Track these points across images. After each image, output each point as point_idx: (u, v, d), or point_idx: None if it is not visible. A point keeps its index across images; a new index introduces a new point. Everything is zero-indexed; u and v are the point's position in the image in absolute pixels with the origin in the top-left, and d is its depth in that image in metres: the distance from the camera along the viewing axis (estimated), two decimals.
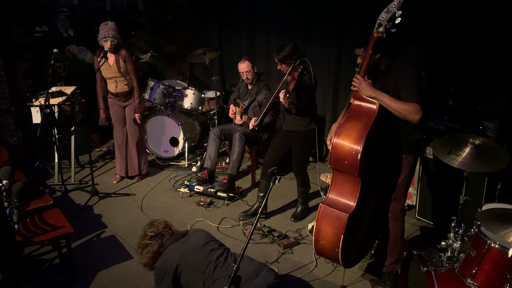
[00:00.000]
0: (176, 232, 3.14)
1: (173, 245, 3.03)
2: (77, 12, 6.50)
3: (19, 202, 2.98)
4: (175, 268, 2.92)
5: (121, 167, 5.46)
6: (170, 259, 2.96)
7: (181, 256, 2.95)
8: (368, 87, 3.17)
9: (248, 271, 2.89)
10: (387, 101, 3.13)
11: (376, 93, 3.15)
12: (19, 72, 6.13)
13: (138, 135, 5.37)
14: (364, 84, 3.18)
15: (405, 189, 3.48)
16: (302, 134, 4.42)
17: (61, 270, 3.98)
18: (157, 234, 3.09)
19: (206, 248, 2.98)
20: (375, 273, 3.78)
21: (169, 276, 2.92)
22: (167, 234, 3.10)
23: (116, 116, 5.27)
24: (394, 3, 2.99)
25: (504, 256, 2.63)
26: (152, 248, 3.06)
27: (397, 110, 3.12)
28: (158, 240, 3.07)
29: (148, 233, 3.12)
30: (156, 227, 3.13)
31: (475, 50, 4.26)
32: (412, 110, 3.09)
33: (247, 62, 5.23)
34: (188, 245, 3.01)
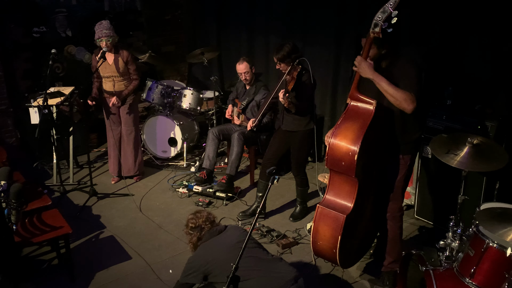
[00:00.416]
0: (214, 228, 3.22)
1: (208, 242, 3.12)
2: (75, 12, 6.49)
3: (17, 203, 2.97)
4: (204, 267, 3.00)
5: (115, 167, 5.45)
6: (202, 257, 3.06)
7: (213, 256, 3.01)
8: (368, 68, 3.16)
9: (289, 276, 2.96)
10: (385, 85, 3.12)
11: (375, 75, 3.15)
12: (18, 73, 6.12)
13: (134, 135, 5.36)
14: (364, 64, 3.17)
15: (402, 189, 3.48)
16: (301, 134, 4.42)
17: (60, 270, 3.97)
18: (196, 226, 3.23)
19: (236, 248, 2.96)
20: (374, 273, 3.79)
21: (198, 273, 3.02)
22: (206, 227, 3.20)
23: (108, 116, 5.24)
24: (390, 3, 3.00)
25: (502, 255, 2.63)
26: (192, 239, 3.23)
27: (393, 96, 3.11)
28: (197, 233, 3.19)
29: (189, 224, 3.26)
30: (197, 219, 3.25)
31: (473, 50, 4.26)
32: (407, 98, 3.08)
33: (245, 63, 5.22)
34: (220, 244, 3.08)
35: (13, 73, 6.06)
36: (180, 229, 4.51)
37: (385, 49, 3.25)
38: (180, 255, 4.15)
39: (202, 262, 3.03)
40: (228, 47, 6.96)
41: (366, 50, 3.18)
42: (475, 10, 4.13)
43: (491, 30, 4.08)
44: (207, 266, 3.00)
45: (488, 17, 4.07)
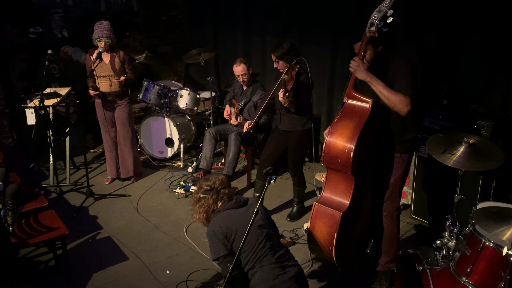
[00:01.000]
0: (235, 197, 3.04)
1: (230, 211, 2.95)
2: (71, 13, 6.49)
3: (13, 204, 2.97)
4: (226, 234, 2.86)
5: (112, 169, 5.44)
6: (224, 223, 2.88)
7: (237, 228, 2.87)
8: (363, 70, 3.17)
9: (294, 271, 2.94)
10: (380, 87, 3.13)
11: (371, 77, 3.16)
12: (14, 73, 6.11)
13: (130, 136, 5.36)
14: (361, 66, 3.18)
15: (399, 188, 3.49)
16: (299, 133, 4.43)
17: (56, 271, 3.96)
18: (212, 188, 3.02)
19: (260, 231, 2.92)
20: (371, 272, 3.79)
21: (222, 239, 2.87)
22: (223, 192, 3.03)
23: (102, 118, 5.21)
24: (386, 3, 3.01)
25: (498, 254, 2.63)
26: (206, 203, 3.00)
27: (388, 98, 3.13)
28: (213, 196, 3.00)
29: (203, 186, 3.05)
30: (213, 181, 3.06)
31: (469, 50, 4.27)
32: (402, 101, 3.10)
33: (242, 64, 5.22)
34: (244, 219, 2.91)
35: (9, 74, 6.05)
36: (178, 230, 4.53)
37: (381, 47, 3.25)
38: (177, 255, 4.14)
39: (227, 228, 2.85)
40: (224, 47, 6.97)
41: (362, 51, 3.19)
42: (471, 10, 4.14)
43: (487, 30, 4.09)
44: (231, 232, 2.86)
45: (484, 17, 4.08)
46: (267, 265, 2.86)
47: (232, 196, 3.05)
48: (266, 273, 2.85)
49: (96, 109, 5.24)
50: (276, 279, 2.86)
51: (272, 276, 2.86)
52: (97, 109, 5.23)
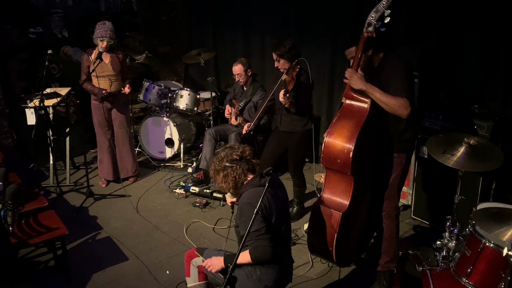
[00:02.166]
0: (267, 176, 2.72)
1: (269, 189, 2.70)
2: (71, 13, 6.49)
3: (13, 204, 2.96)
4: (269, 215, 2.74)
5: (109, 171, 5.41)
6: (265, 205, 2.72)
7: (273, 208, 2.75)
8: (359, 80, 3.17)
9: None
10: (378, 95, 3.14)
11: (367, 86, 3.16)
12: (13, 74, 6.11)
13: (129, 136, 5.35)
14: (356, 76, 3.19)
15: (398, 188, 3.49)
16: (299, 134, 4.42)
17: (56, 272, 3.96)
18: (241, 158, 2.84)
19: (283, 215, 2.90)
20: (371, 272, 3.79)
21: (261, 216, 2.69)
22: (253, 161, 2.87)
23: (102, 120, 5.19)
24: (383, 3, 3.02)
25: (498, 255, 2.63)
26: (235, 172, 2.80)
27: (387, 104, 3.13)
28: (242, 165, 2.81)
29: (231, 155, 2.84)
30: (241, 151, 2.87)
31: (469, 50, 4.28)
32: (401, 105, 3.10)
33: (239, 65, 5.22)
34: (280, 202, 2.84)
35: (9, 74, 6.05)
36: (177, 230, 4.53)
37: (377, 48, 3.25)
38: (177, 255, 4.14)
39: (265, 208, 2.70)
40: (224, 47, 6.97)
41: (357, 61, 3.19)
42: (470, 11, 4.15)
43: (487, 30, 4.09)
44: (268, 213, 2.72)
45: (483, 17, 4.09)
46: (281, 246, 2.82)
47: (263, 173, 2.74)
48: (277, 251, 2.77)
49: (93, 111, 5.19)
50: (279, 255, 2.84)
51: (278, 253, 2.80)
52: (95, 111, 5.18)
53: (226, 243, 4.28)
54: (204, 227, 4.58)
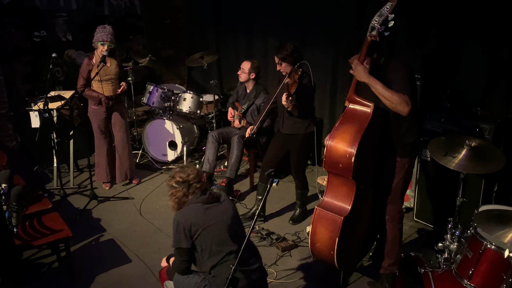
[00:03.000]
0: (206, 191, 3.01)
1: (198, 205, 2.93)
2: (75, 16, 6.53)
3: (18, 206, 2.98)
4: (189, 228, 2.85)
5: (107, 174, 5.43)
6: (190, 218, 2.88)
7: (201, 224, 2.86)
8: (362, 72, 3.18)
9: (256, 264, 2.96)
10: (380, 88, 3.14)
11: (370, 79, 3.17)
12: (18, 77, 6.15)
13: (128, 139, 5.40)
14: (360, 68, 3.20)
15: (401, 192, 3.49)
16: (301, 137, 4.44)
17: (60, 273, 3.98)
18: (184, 181, 2.99)
19: (226, 232, 2.91)
20: (373, 275, 3.79)
21: (185, 233, 2.86)
22: (195, 185, 3.00)
23: (101, 124, 5.21)
24: (387, 7, 3.03)
25: (500, 257, 2.64)
26: (177, 194, 2.99)
27: (388, 99, 3.13)
28: (184, 189, 2.98)
29: (176, 177, 3.02)
30: (187, 174, 3.01)
31: (471, 53, 4.29)
32: (402, 101, 3.11)
33: (249, 63, 5.27)
34: (213, 216, 2.92)
35: (13, 77, 6.09)
36: None
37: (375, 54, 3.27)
38: None
39: (192, 224, 2.86)
40: (227, 51, 7.00)
41: (363, 54, 3.21)
42: (472, 13, 4.15)
43: (489, 33, 4.10)
44: (196, 229, 2.86)
45: (486, 20, 4.09)
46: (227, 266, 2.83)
47: (206, 190, 3.02)
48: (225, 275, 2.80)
49: (93, 116, 5.19)
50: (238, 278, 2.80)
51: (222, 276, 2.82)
52: (94, 116, 5.18)
53: None
54: None
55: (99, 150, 5.36)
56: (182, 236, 2.87)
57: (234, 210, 3.06)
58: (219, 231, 2.89)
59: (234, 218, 3.01)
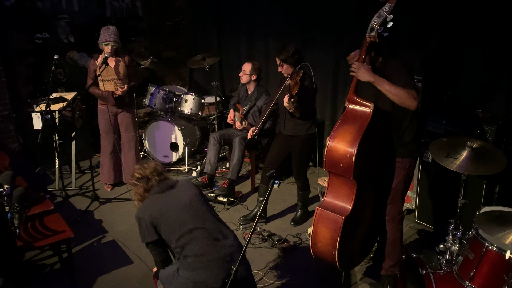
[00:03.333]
0: (163, 181, 3.08)
1: (156, 196, 3.01)
2: (77, 18, 6.54)
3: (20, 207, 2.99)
4: (150, 221, 2.93)
5: (110, 175, 5.44)
6: (148, 211, 2.97)
7: (158, 212, 2.94)
8: (366, 72, 3.18)
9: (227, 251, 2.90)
10: (387, 86, 3.14)
11: (375, 78, 3.17)
12: (20, 78, 6.16)
13: (135, 140, 5.39)
14: (363, 68, 3.19)
15: (402, 193, 3.49)
16: (302, 138, 4.44)
17: (61, 275, 3.99)
18: (143, 177, 3.06)
19: (186, 212, 2.95)
20: (374, 276, 3.80)
21: (150, 229, 2.95)
22: (154, 179, 3.06)
23: (107, 124, 5.22)
24: (385, 8, 3.04)
25: (501, 258, 2.64)
26: (138, 190, 3.07)
27: (396, 95, 3.12)
28: (144, 184, 3.04)
29: (135, 174, 3.10)
30: (144, 169, 3.09)
31: (472, 54, 4.29)
32: (409, 95, 3.10)
33: (250, 64, 5.27)
34: (168, 202, 2.98)
35: (16, 78, 6.10)
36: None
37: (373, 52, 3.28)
38: None
39: (150, 216, 2.93)
40: (228, 52, 7.01)
41: (363, 55, 3.22)
42: (474, 14, 4.16)
43: (490, 34, 4.11)
44: (156, 219, 2.93)
45: (487, 21, 4.10)
46: (198, 242, 2.88)
47: (163, 181, 3.07)
48: (196, 249, 2.87)
49: (99, 115, 5.24)
50: (205, 255, 2.85)
51: (201, 252, 2.86)
52: (101, 116, 5.22)
53: None
54: None
55: (104, 150, 5.39)
56: (146, 230, 2.95)
57: (192, 191, 3.09)
58: (177, 213, 2.93)
59: (193, 198, 3.03)
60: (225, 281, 2.75)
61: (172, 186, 3.07)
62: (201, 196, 3.11)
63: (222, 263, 2.83)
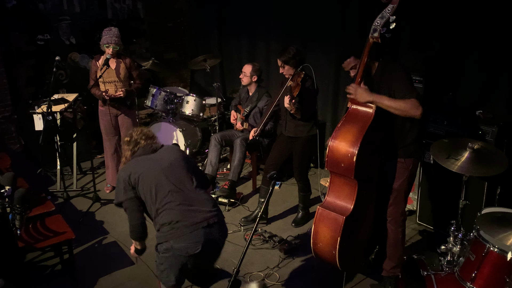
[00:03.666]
0: (149, 144, 3.11)
1: (138, 158, 3.05)
2: (78, 20, 6.56)
3: (21, 208, 2.99)
4: (128, 180, 2.95)
5: (114, 177, 5.45)
6: (127, 170, 2.99)
7: (136, 172, 2.96)
8: (364, 93, 3.19)
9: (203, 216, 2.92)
10: (387, 102, 3.15)
11: (374, 97, 3.17)
12: (21, 80, 6.18)
13: None
14: (360, 90, 3.20)
15: (404, 193, 3.48)
16: (304, 139, 4.44)
17: (63, 276, 3.99)
18: (132, 140, 3.11)
19: (163, 175, 2.96)
20: (376, 277, 3.79)
21: (125, 185, 2.96)
22: (142, 141, 3.11)
23: (108, 126, 5.23)
24: (388, 9, 3.04)
25: (503, 259, 2.64)
26: (125, 154, 3.13)
27: (398, 109, 3.13)
28: (132, 147, 3.10)
29: (125, 139, 3.16)
30: (133, 132, 3.14)
31: (473, 55, 4.29)
32: (412, 106, 3.10)
33: (250, 66, 5.28)
34: (148, 163, 3.01)
35: (17, 80, 6.12)
36: None
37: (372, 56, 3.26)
38: None
39: (128, 175, 2.96)
40: (229, 54, 7.02)
41: (360, 74, 3.21)
42: (475, 16, 4.16)
43: (492, 35, 4.11)
44: (134, 179, 2.95)
45: (488, 23, 4.10)
46: (174, 207, 2.91)
47: (150, 145, 3.11)
48: (172, 214, 2.90)
49: (100, 116, 5.25)
50: (180, 222, 2.88)
51: (176, 218, 2.89)
52: (102, 117, 5.24)
53: (232, 247, 4.31)
54: None
55: (106, 152, 5.41)
56: (122, 188, 2.96)
57: (175, 155, 3.11)
58: (155, 174, 2.95)
59: (174, 162, 3.05)
60: (204, 245, 2.83)
61: (156, 149, 3.11)
62: (184, 161, 3.11)
63: (198, 229, 2.87)
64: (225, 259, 4.09)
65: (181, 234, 2.85)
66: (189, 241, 2.84)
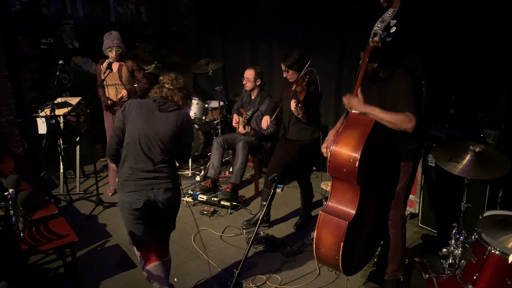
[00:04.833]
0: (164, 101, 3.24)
1: (148, 103, 3.24)
2: (82, 24, 6.59)
3: (24, 210, 3.00)
4: (125, 110, 3.23)
5: (114, 180, 5.47)
6: (133, 103, 3.26)
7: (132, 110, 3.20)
8: (357, 104, 3.19)
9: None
10: (378, 114, 3.14)
11: (366, 108, 3.17)
12: (25, 83, 6.21)
13: None
14: (353, 101, 3.21)
15: (404, 197, 3.49)
16: (306, 143, 4.45)
17: (65, 279, 4.00)
18: (160, 80, 3.37)
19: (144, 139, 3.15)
20: (378, 281, 3.79)
21: (120, 116, 3.26)
22: (166, 87, 3.31)
23: (110, 128, 5.24)
24: (389, 13, 3.04)
25: (504, 262, 2.64)
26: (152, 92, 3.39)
27: (389, 121, 3.12)
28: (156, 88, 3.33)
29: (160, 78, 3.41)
30: (164, 77, 3.35)
31: (475, 58, 4.29)
32: (404, 120, 3.08)
33: (252, 71, 5.29)
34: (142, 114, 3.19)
35: (21, 84, 6.14)
36: (185, 238, 4.56)
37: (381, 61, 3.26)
38: (185, 263, 4.17)
39: (129, 105, 3.25)
40: (232, 57, 7.04)
41: (358, 84, 3.21)
42: (477, 19, 4.17)
43: (493, 39, 4.11)
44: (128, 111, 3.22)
45: (490, 26, 4.10)
46: (128, 165, 3.19)
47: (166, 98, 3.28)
48: (124, 170, 3.21)
49: (105, 119, 5.30)
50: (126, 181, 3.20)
51: (124, 176, 3.21)
52: (106, 119, 5.29)
53: (234, 250, 4.31)
54: (212, 235, 4.61)
55: None
56: (119, 117, 3.26)
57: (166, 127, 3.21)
58: (138, 129, 3.16)
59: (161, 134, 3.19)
60: (145, 203, 3.13)
61: (163, 110, 3.22)
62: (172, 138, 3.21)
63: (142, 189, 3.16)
64: (226, 262, 4.10)
65: (129, 189, 3.17)
66: (133, 197, 3.16)
